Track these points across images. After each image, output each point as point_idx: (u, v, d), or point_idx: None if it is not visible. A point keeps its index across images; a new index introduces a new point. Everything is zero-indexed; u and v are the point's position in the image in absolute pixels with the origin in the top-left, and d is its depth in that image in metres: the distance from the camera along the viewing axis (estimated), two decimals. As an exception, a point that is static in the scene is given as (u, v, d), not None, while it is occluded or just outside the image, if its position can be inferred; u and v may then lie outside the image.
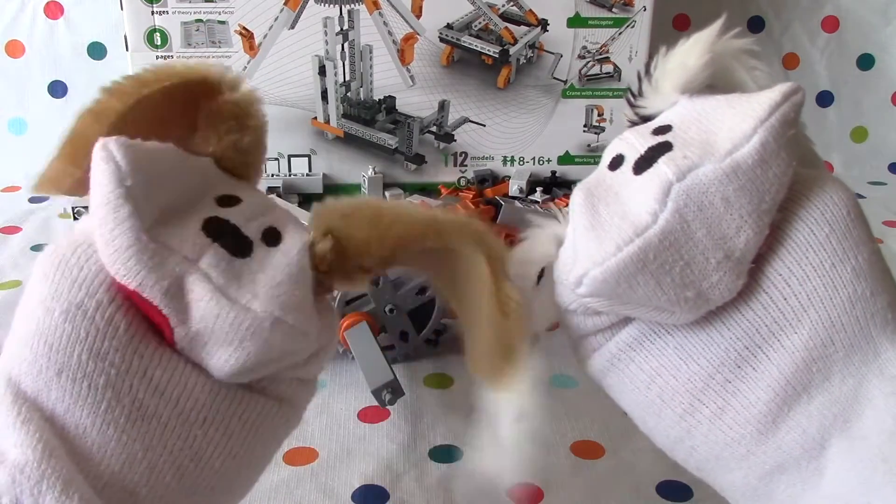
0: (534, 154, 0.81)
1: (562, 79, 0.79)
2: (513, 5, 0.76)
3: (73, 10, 0.91)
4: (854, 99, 0.99)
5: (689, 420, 0.30)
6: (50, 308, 0.27)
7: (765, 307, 0.29)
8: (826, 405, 0.28)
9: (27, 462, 0.25)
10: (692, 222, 0.27)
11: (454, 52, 0.77)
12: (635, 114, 0.33)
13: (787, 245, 0.29)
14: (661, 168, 0.28)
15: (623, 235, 0.27)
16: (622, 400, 0.32)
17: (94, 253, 0.27)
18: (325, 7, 0.74)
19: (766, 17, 0.98)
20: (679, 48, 0.32)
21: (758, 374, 0.29)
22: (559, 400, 0.56)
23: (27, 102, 0.92)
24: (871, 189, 0.93)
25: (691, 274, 0.28)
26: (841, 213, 0.29)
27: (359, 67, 0.77)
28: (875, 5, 0.97)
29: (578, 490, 0.48)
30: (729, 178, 0.27)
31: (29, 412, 0.26)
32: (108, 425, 0.27)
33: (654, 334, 0.30)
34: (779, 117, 0.28)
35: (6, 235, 0.78)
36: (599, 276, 0.28)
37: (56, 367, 0.27)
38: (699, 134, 0.29)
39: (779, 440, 0.28)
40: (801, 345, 0.28)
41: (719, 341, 0.29)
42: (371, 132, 0.79)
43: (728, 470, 0.30)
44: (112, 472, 0.26)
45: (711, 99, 0.30)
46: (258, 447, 0.30)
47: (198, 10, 0.73)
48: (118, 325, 0.27)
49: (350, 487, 0.48)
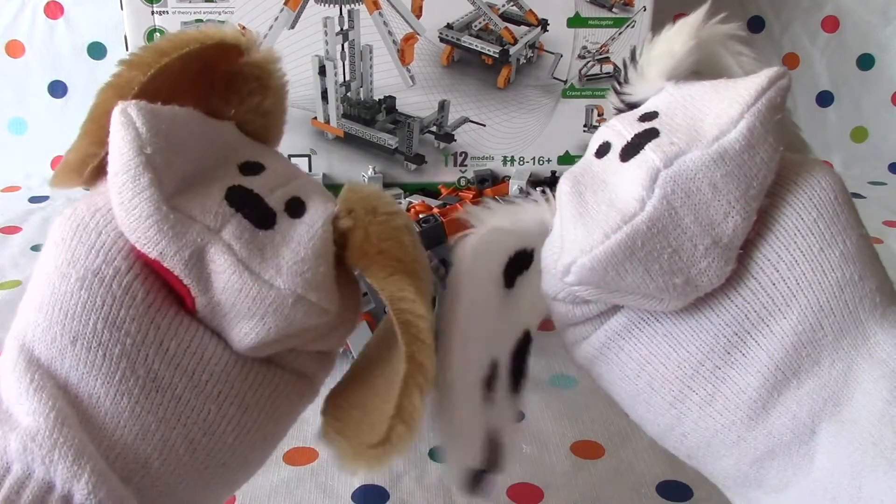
0: (534, 154, 0.81)
1: (562, 79, 0.79)
2: (513, 5, 0.76)
3: (73, 10, 0.91)
4: (854, 99, 0.99)
5: (680, 407, 0.30)
6: (66, 274, 0.27)
7: (753, 293, 0.28)
8: (816, 390, 0.28)
9: (39, 430, 0.25)
10: (680, 209, 0.27)
11: (454, 52, 0.77)
12: (621, 101, 0.33)
13: (775, 230, 0.28)
14: (648, 155, 0.28)
15: (611, 223, 0.27)
16: (612, 388, 0.32)
17: (112, 218, 0.27)
18: (325, 7, 0.74)
19: (766, 17, 0.98)
20: (664, 34, 0.32)
21: (747, 360, 0.28)
22: (559, 400, 0.56)
23: (27, 102, 0.92)
24: (871, 189, 0.93)
25: (679, 261, 0.28)
26: (829, 197, 0.29)
27: (359, 67, 0.77)
28: (875, 5, 0.97)
29: (578, 490, 0.48)
30: (716, 164, 0.27)
31: (42, 379, 0.26)
32: (122, 396, 0.26)
33: (643, 322, 0.30)
34: (765, 102, 0.28)
35: (6, 235, 0.78)
36: (587, 265, 0.28)
37: (71, 334, 0.26)
38: (686, 120, 0.29)
39: (769, 426, 0.28)
40: (791, 330, 0.28)
41: (708, 328, 0.29)
42: (371, 132, 0.79)
43: (719, 456, 0.30)
44: (125, 443, 0.26)
45: (697, 85, 0.30)
46: (273, 422, 0.30)
47: (198, 10, 0.73)
48: (136, 293, 0.27)
49: (350, 487, 0.48)
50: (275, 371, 0.29)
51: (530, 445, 0.52)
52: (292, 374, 0.30)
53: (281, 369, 0.29)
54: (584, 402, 0.56)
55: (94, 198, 0.28)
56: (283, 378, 0.29)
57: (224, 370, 0.28)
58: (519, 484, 0.49)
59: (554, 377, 0.58)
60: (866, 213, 0.30)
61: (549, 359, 0.60)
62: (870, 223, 0.30)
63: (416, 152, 0.80)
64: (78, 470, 0.24)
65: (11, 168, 0.89)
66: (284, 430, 0.31)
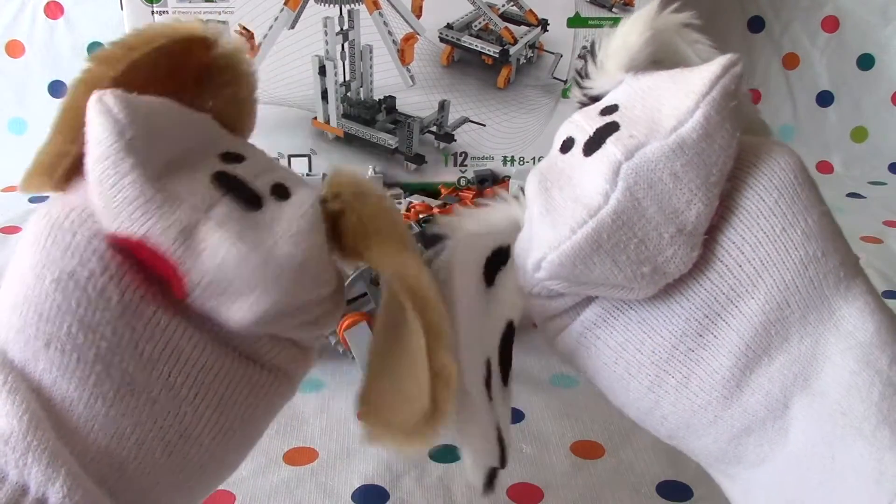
0: (534, 154, 0.81)
1: (562, 79, 0.79)
2: (513, 5, 0.76)
3: (73, 10, 0.91)
4: (854, 99, 0.99)
5: (657, 391, 0.30)
6: (40, 275, 0.26)
7: (721, 276, 0.29)
8: (786, 365, 0.29)
9: (13, 433, 0.25)
10: (643, 200, 0.28)
11: (454, 52, 0.77)
12: (584, 95, 0.34)
13: (737, 213, 0.29)
14: (609, 149, 0.29)
15: (576, 218, 0.28)
16: (593, 377, 0.33)
17: (87, 218, 0.27)
18: (325, 7, 0.74)
19: (766, 17, 0.98)
20: (620, 27, 0.32)
21: (719, 342, 0.29)
22: (559, 400, 0.56)
23: (27, 102, 0.92)
24: (871, 189, 0.93)
25: (646, 250, 0.28)
26: (788, 178, 0.29)
27: (359, 67, 0.77)
28: (875, 5, 0.97)
29: (578, 490, 0.48)
30: (675, 154, 0.28)
31: (16, 381, 0.26)
32: (97, 399, 0.26)
33: (618, 311, 0.31)
34: (720, 90, 0.28)
35: (6, 235, 0.78)
36: (556, 260, 0.28)
37: (45, 337, 0.26)
38: (644, 112, 0.29)
39: (744, 403, 0.29)
40: (759, 309, 0.29)
41: (680, 312, 0.30)
42: (371, 132, 0.79)
43: (698, 436, 0.30)
44: (99, 446, 0.26)
45: (655, 76, 0.31)
46: (251, 422, 0.30)
47: (198, 10, 0.73)
48: (110, 296, 0.26)
49: (350, 487, 0.48)
50: (253, 370, 0.29)
51: (530, 445, 0.52)
52: (271, 371, 0.29)
53: (259, 367, 0.29)
54: (584, 402, 0.56)
55: (68, 197, 0.28)
56: (262, 377, 0.29)
57: (201, 372, 0.27)
58: (519, 484, 0.49)
59: (554, 377, 0.58)
60: (866, 213, 0.30)
61: (549, 359, 0.60)
62: (870, 223, 0.30)
63: (416, 152, 0.80)
64: (53, 473, 0.24)
65: (11, 168, 0.88)
66: (262, 429, 0.31)
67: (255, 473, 0.49)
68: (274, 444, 0.51)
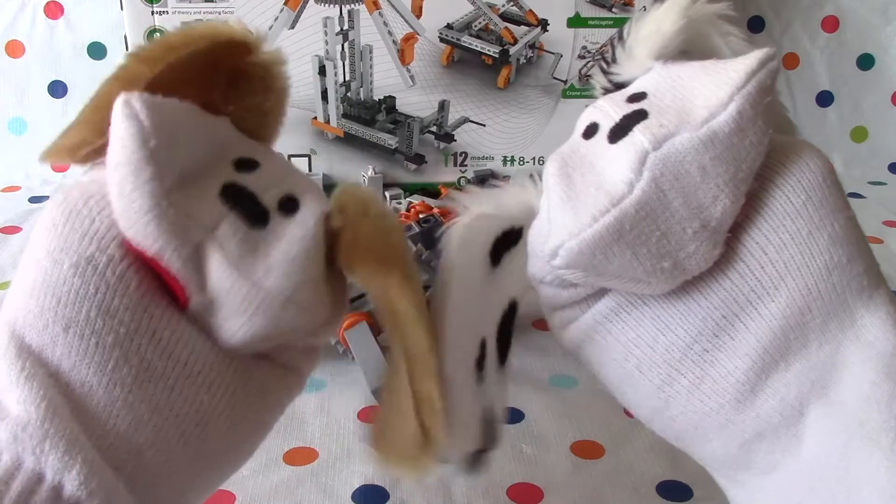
0: (534, 154, 0.81)
1: (562, 79, 0.79)
2: (513, 5, 0.76)
3: (73, 10, 0.91)
4: (854, 99, 0.99)
5: (668, 391, 0.30)
6: (59, 260, 0.26)
7: (742, 276, 0.28)
8: (804, 372, 0.28)
9: (30, 420, 0.25)
10: (668, 192, 0.27)
11: (454, 52, 0.77)
12: (609, 80, 0.33)
13: (763, 213, 0.28)
14: (637, 137, 0.28)
15: (599, 206, 0.27)
16: (600, 372, 0.32)
17: (106, 205, 0.27)
18: (325, 7, 0.74)
19: (766, 17, 0.98)
20: (653, 13, 0.31)
21: (735, 344, 0.28)
22: (559, 400, 0.56)
23: (27, 102, 0.92)
24: (871, 189, 0.93)
25: (668, 244, 0.27)
26: (817, 180, 0.28)
27: (359, 67, 0.77)
28: (875, 5, 0.97)
29: (578, 490, 0.48)
30: (705, 147, 0.27)
31: (33, 367, 0.26)
32: (115, 385, 0.26)
33: (631, 305, 0.30)
34: (755, 85, 0.27)
35: (6, 235, 0.78)
36: (575, 248, 0.27)
37: (63, 322, 0.26)
38: (674, 101, 0.28)
39: (757, 408, 0.28)
40: (779, 313, 0.28)
41: (696, 311, 0.29)
42: (371, 132, 0.79)
43: (707, 440, 0.30)
44: (117, 432, 0.26)
45: (686, 65, 0.30)
46: (263, 414, 0.30)
47: (198, 9, 0.73)
48: (129, 282, 0.26)
49: (350, 487, 0.48)
50: (264, 364, 0.29)
51: (530, 445, 0.52)
52: (281, 367, 0.30)
53: (270, 363, 0.29)
54: (584, 402, 0.56)
55: (87, 185, 0.28)
56: (273, 371, 0.30)
57: (216, 361, 0.28)
58: (519, 484, 0.49)
59: (554, 377, 0.58)
60: (866, 214, 0.30)
61: (549, 359, 0.60)
62: (870, 223, 0.30)
63: (416, 152, 0.80)
64: (69, 460, 0.24)
65: (11, 168, 0.89)
66: (273, 421, 0.31)
67: (255, 473, 0.49)
68: (274, 444, 0.51)
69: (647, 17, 0.31)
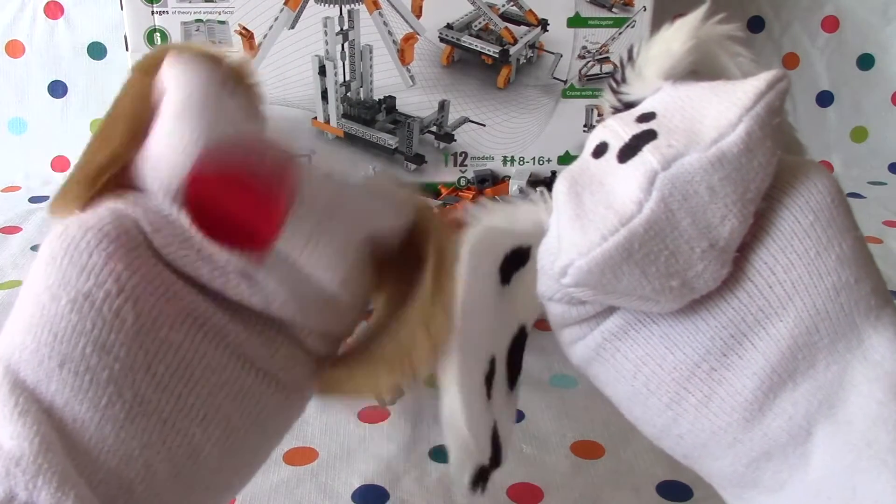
0: (534, 154, 0.81)
1: (562, 79, 0.79)
2: (513, 5, 0.76)
3: (73, 10, 0.91)
4: (854, 99, 0.99)
5: (676, 409, 0.30)
6: (56, 295, 0.26)
7: (750, 295, 0.29)
8: (811, 392, 0.28)
9: (23, 455, 0.25)
10: (677, 211, 0.27)
11: (454, 52, 0.77)
12: (618, 100, 0.33)
13: (771, 233, 0.29)
14: (646, 156, 0.28)
15: (608, 225, 0.27)
16: (608, 389, 0.32)
17: (103, 238, 0.27)
18: (325, 7, 0.74)
19: (766, 17, 0.98)
20: (662, 34, 0.31)
21: (743, 363, 0.29)
22: (559, 400, 0.56)
23: (27, 102, 0.92)
24: (871, 189, 0.93)
25: (676, 263, 0.28)
26: (825, 201, 0.29)
27: (359, 67, 0.77)
28: (875, 5, 0.97)
29: (578, 490, 0.48)
30: (714, 167, 0.27)
31: (27, 403, 0.26)
32: (108, 421, 0.26)
33: (640, 323, 0.30)
34: (764, 106, 0.28)
35: (6, 235, 0.78)
36: (584, 266, 0.28)
37: (59, 358, 0.26)
38: (683, 122, 0.29)
39: (765, 427, 0.28)
40: (787, 332, 0.28)
41: (705, 330, 0.29)
42: (371, 132, 0.79)
43: (715, 458, 0.30)
44: (108, 468, 0.26)
45: (695, 86, 0.30)
46: (259, 443, 0.30)
47: (198, 9, 0.73)
48: (125, 317, 0.26)
49: (350, 487, 0.48)
50: (266, 386, 0.29)
51: (530, 445, 0.52)
52: (284, 388, 0.30)
53: (274, 384, 0.29)
54: (584, 402, 0.56)
55: (85, 218, 0.28)
56: (274, 395, 0.29)
57: (211, 393, 0.28)
58: (519, 484, 0.49)
59: (554, 377, 0.58)
60: (866, 214, 0.30)
61: (549, 359, 0.60)
62: (870, 223, 0.30)
63: (416, 152, 0.80)
64: (62, 496, 0.24)
65: (11, 168, 0.89)
66: (271, 449, 0.31)
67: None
68: (274, 444, 0.51)
69: (656, 37, 0.32)
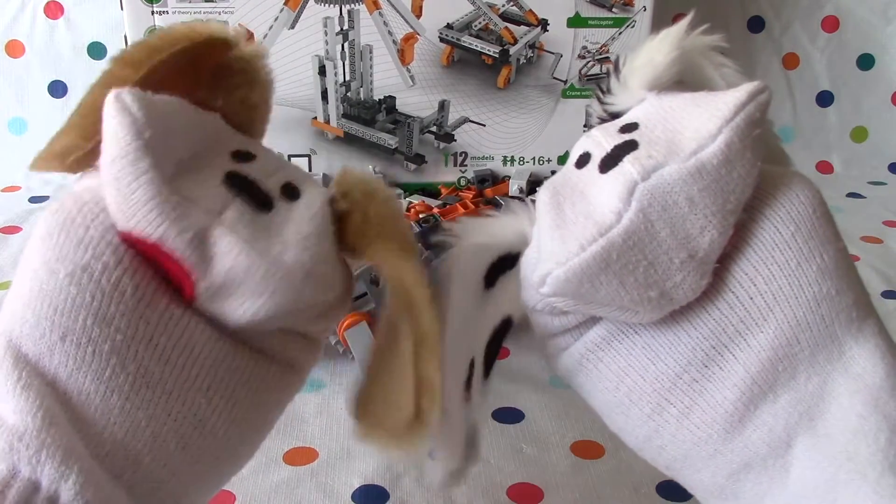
0: (534, 154, 0.81)
1: (562, 79, 0.79)
2: (513, 5, 0.76)
3: (73, 10, 0.91)
4: (854, 99, 0.99)
5: (657, 420, 0.30)
6: (54, 269, 0.26)
7: (731, 306, 0.29)
8: (792, 403, 0.28)
9: (27, 430, 0.25)
10: (656, 222, 0.27)
11: (454, 52, 0.77)
12: (604, 110, 0.33)
13: (752, 244, 0.29)
14: (626, 167, 0.28)
15: (587, 235, 0.27)
16: (591, 399, 0.33)
17: (100, 212, 0.27)
18: (325, 7, 0.74)
19: (766, 17, 0.98)
20: (647, 45, 0.32)
21: (724, 374, 0.29)
22: (559, 400, 0.56)
23: (27, 102, 0.92)
24: (871, 189, 0.93)
25: (655, 274, 0.28)
26: (807, 212, 0.29)
27: (359, 67, 0.77)
28: (875, 5, 0.97)
29: (578, 490, 0.48)
30: (693, 178, 0.27)
31: (29, 377, 0.26)
32: (112, 392, 0.26)
33: (622, 334, 0.30)
34: (744, 117, 0.28)
35: (6, 235, 0.78)
36: (562, 276, 0.28)
37: (60, 331, 0.26)
38: (665, 133, 0.29)
39: (745, 439, 0.28)
40: (767, 344, 0.28)
41: (686, 341, 0.29)
42: (371, 132, 0.79)
43: (696, 469, 0.30)
44: (115, 439, 0.26)
45: (678, 97, 0.30)
46: (262, 414, 0.30)
47: (198, 10, 0.73)
48: (125, 289, 0.26)
49: (350, 487, 0.48)
50: (263, 363, 0.29)
51: (530, 445, 0.52)
52: (280, 365, 0.30)
53: (270, 360, 0.29)
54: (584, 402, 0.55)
55: (80, 193, 0.28)
56: (272, 370, 0.30)
57: (214, 364, 0.28)
58: (519, 484, 0.49)
59: (554, 377, 0.58)
60: (866, 214, 0.30)
61: (549, 359, 0.60)
62: (870, 223, 0.30)
63: (416, 152, 0.80)
64: (66, 470, 0.24)
65: (11, 168, 0.89)
66: (273, 421, 0.31)
67: (255, 473, 0.49)
68: (274, 444, 0.51)
69: (641, 48, 0.32)
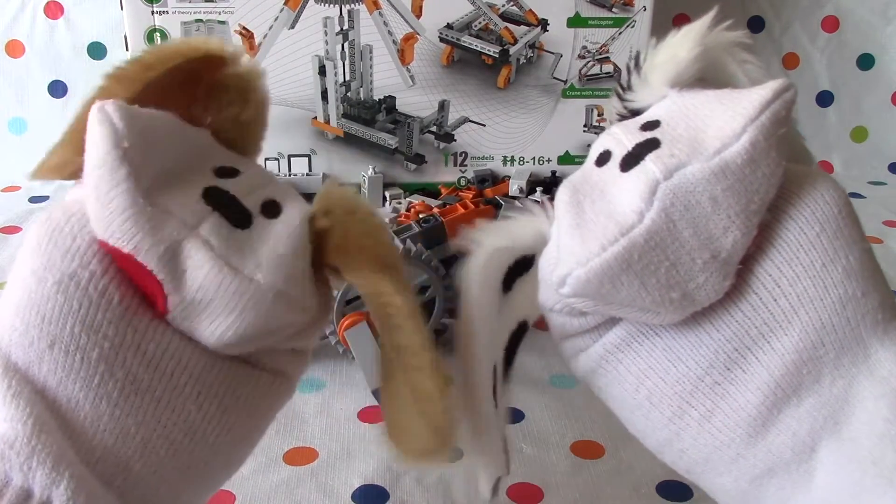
0: (534, 154, 0.81)
1: (562, 79, 0.79)
2: (513, 5, 0.76)
3: (73, 10, 0.91)
4: (854, 99, 0.99)
5: (678, 423, 0.29)
6: (42, 278, 0.26)
7: (754, 308, 0.28)
8: (816, 407, 0.27)
9: (17, 437, 0.25)
10: (678, 222, 0.27)
11: (454, 52, 0.77)
12: (624, 107, 0.33)
13: (777, 245, 0.28)
14: (648, 166, 0.27)
15: (608, 235, 0.27)
16: (611, 401, 0.32)
17: (87, 222, 0.27)
18: (325, 7, 0.74)
19: (766, 17, 0.98)
20: (669, 40, 0.31)
21: (747, 377, 0.28)
22: (559, 400, 0.56)
23: (27, 102, 0.92)
24: (871, 189, 0.93)
25: (677, 275, 0.27)
26: (832, 212, 0.28)
27: (359, 67, 0.77)
28: (875, 5, 0.97)
29: (578, 490, 0.48)
30: (717, 178, 0.27)
31: (19, 385, 0.26)
32: (102, 399, 0.26)
33: (643, 335, 0.30)
34: (769, 116, 0.27)
35: (6, 235, 0.78)
36: (583, 277, 0.27)
37: (48, 338, 0.26)
38: (688, 131, 0.28)
39: (769, 443, 0.28)
40: (792, 347, 0.28)
41: (708, 343, 0.29)
42: (371, 132, 0.79)
43: (718, 473, 0.29)
44: (105, 446, 0.26)
45: (701, 94, 0.30)
46: (253, 421, 0.30)
47: (198, 10, 0.73)
48: (112, 296, 0.26)
49: (350, 487, 0.48)
50: (251, 371, 0.29)
51: (530, 445, 0.52)
52: (269, 373, 0.30)
53: (258, 369, 0.29)
54: (584, 402, 0.56)
55: (69, 204, 0.28)
56: (261, 378, 0.29)
57: (203, 371, 0.28)
58: (519, 484, 0.49)
59: (554, 377, 0.58)
60: (866, 213, 0.30)
61: (549, 359, 0.60)
62: (870, 223, 0.30)
63: (416, 152, 0.80)
64: (57, 476, 0.24)
65: (11, 168, 0.89)
66: (264, 427, 0.31)
67: (255, 473, 0.49)
68: (274, 444, 0.51)
69: (663, 44, 0.31)
